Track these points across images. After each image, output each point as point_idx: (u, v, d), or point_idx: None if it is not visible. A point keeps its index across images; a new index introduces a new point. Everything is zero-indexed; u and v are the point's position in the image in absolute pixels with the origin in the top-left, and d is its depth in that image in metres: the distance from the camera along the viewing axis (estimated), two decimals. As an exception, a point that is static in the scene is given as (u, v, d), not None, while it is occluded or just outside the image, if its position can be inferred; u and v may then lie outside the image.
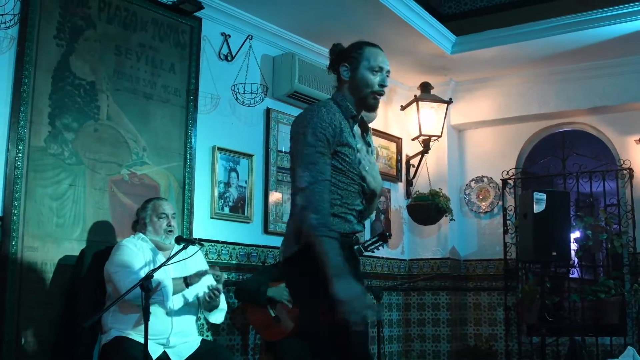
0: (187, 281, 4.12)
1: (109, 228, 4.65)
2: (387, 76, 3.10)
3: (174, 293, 4.08)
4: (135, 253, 4.10)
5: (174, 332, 4.06)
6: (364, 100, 3.08)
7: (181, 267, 4.12)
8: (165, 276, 4.00)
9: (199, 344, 4.19)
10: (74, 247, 4.42)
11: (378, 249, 5.29)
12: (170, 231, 4.27)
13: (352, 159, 3.00)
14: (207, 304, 4.25)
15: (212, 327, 5.19)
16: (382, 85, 3.06)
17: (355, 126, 3.12)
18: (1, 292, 4.06)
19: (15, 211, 4.16)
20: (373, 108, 3.14)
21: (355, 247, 3.14)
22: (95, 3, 4.75)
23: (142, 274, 3.97)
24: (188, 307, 4.22)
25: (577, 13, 6.20)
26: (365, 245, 5.27)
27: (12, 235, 4.13)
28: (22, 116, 4.24)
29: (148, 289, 3.59)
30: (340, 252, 2.78)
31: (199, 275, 4.15)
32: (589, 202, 7.41)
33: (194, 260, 4.20)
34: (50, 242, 4.34)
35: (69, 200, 4.47)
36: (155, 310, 3.96)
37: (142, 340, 3.64)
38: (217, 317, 4.37)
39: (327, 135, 2.88)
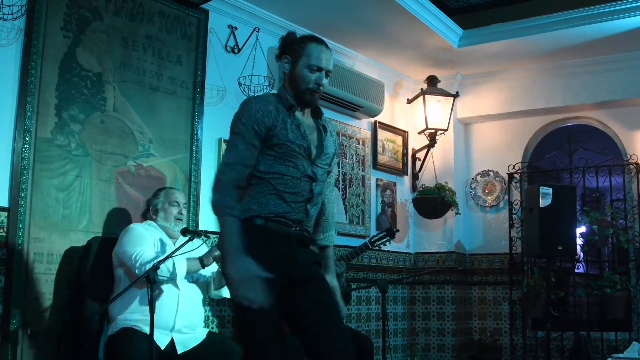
0: (204, 262, 4.15)
1: (115, 219, 4.65)
2: (327, 76, 3.12)
3: (190, 273, 4.11)
4: (144, 234, 4.15)
5: (180, 315, 4.08)
6: (301, 95, 3.10)
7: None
8: (178, 258, 4.00)
9: (205, 336, 4.20)
10: (80, 238, 4.44)
11: (385, 245, 5.30)
12: (180, 219, 4.33)
13: (288, 146, 3.01)
14: (219, 280, 4.32)
15: (218, 319, 5.21)
16: (318, 84, 3.08)
17: (303, 115, 3.15)
18: (7, 283, 4.07)
19: (22, 202, 4.17)
20: (309, 104, 3.15)
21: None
22: (102, -6, 4.76)
23: (152, 253, 4.01)
24: (194, 290, 4.25)
25: (585, 7, 6.17)
26: (373, 240, 5.28)
27: (19, 226, 4.15)
28: (29, 107, 4.25)
29: (154, 280, 3.61)
30: (239, 233, 2.87)
31: (212, 253, 4.17)
32: (595, 197, 7.40)
33: (199, 252, 4.22)
34: (56, 233, 4.35)
35: (75, 191, 4.48)
36: (162, 292, 3.99)
37: (148, 331, 3.66)
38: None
39: (254, 124, 2.97)
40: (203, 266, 4.17)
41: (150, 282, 3.60)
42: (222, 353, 4.11)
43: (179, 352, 4.04)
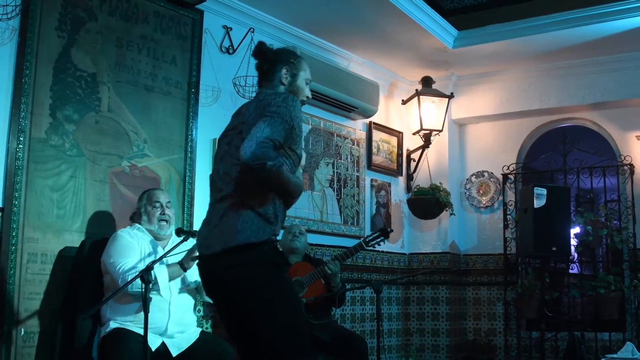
0: (185, 265, 4.13)
1: (110, 220, 4.65)
2: None
3: (172, 279, 4.09)
4: (131, 243, 4.12)
5: (172, 321, 4.08)
6: None
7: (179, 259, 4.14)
8: (158, 264, 3.99)
9: (197, 336, 4.21)
10: (74, 238, 4.43)
11: (379, 244, 5.31)
12: (164, 220, 4.28)
13: (294, 161, 3.06)
14: None
15: (212, 319, 5.21)
16: (309, 97, 3.32)
17: None
18: (1, 283, 4.07)
19: (16, 202, 4.17)
20: None
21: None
22: (97, -5, 4.76)
23: (138, 263, 4.00)
24: (185, 296, 4.23)
25: (579, 8, 6.19)
26: (367, 240, 5.27)
27: (13, 227, 4.14)
28: (23, 107, 4.24)
29: (148, 281, 3.60)
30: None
31: (191, 255, 4.14)
32: (589, 198, 7.42)
33: (178, 256, 4.18)
34: (50, 234, 4.35)
35: (69, 191, 4.47)
36: (153, 299, 3.98)
37: (141, 332, 3.66)
38: None
39: (295, 126, 2.99)
40: (184, 269, 4.15)
41: (144, 282, 3.59)
42: (215, 352, 4.11)
43: (174, 354, 4.05)
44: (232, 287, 2.95)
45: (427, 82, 7.32)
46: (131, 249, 4.09)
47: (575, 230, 6.98)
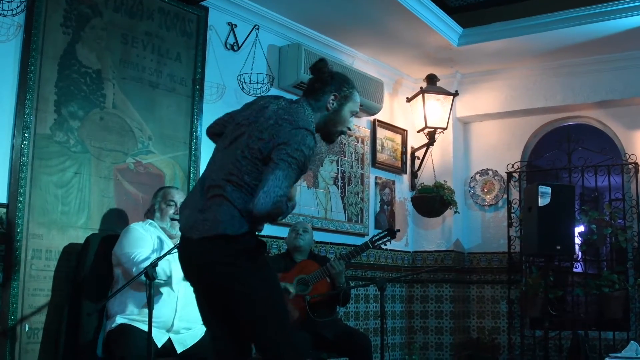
0: None
1: (114, 216, 4.66)
2: None
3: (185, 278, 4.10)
4: (144, 236, 4.14)
5: (178, 317, 4.08)
6: (332, 134, 3.22)
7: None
8: (174, 259, 4.01)
9: (203, 334, 4.20)
10: (79, 234, 4.44)
11: (385, 245, 5.30)
12: (176, 219, 4.29)
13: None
14: None
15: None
16: (349, 128, 3.26)
17: None
18: (6, 279, 4.07)
19: (21, 198, 4.17)
20: (332, 142, 3.31)
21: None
22: (102, -9, 4.75)
23: (151, 254, 4.01)
24: (192, 293, 4.23)
25: (585, 6, 6.17)
26: (373, 240, 5.27)
27: (18, 223, 4.15)
28: (28, 104, 4.24)
29: (153, 277, 3.61)
30: None
31: None
32: (594, 196, 7.40)
33: None
34: (55, 230, 4.35)
35: (74, 188, 4.48)
36: (161, 294, 3.99)
37: (146, 328, 3.66)
38: None
39: (307, 162, 3.01)
40: None
41: (148, 278, 3.60)
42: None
43: (179, 351, 4.05)
44: (207, 274, 3.03)
45: (431, 79, 7.31)
46: (144, 240, 4.11)
47: (579, 228, 6.97)
